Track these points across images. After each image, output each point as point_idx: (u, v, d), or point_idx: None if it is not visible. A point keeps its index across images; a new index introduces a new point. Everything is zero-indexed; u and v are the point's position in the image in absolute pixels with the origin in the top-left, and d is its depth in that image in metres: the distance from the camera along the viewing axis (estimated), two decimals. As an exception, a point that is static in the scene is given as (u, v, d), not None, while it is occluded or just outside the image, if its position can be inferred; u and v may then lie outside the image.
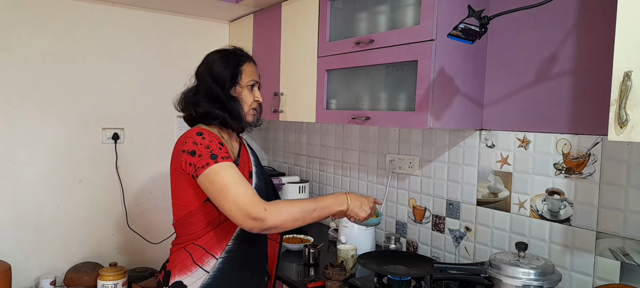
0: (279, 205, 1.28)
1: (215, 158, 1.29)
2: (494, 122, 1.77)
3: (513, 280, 1.37)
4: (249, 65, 1.49)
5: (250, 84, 1.48)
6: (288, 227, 1.29)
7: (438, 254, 2.02)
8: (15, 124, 2.43)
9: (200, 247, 1.39)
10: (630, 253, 1.40)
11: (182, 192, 1.39)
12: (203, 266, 1.38)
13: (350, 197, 1.39)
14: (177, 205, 1.42)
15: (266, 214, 1.23)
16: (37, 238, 2.52)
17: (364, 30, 1.91)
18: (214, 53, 1.51)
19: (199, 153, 1.30)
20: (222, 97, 1.43)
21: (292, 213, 1.28)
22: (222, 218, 1.38)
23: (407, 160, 2.15)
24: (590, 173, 1.49)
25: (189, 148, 1.32)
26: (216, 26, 3.03)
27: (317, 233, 2.47)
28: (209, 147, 1.31)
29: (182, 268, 1.39)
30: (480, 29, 1.34)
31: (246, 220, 1.23)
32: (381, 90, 1.89)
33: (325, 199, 1.37)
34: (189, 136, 1.36)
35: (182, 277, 1.38)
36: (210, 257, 1.39)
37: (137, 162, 2.81)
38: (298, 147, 2.97)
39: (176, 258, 1.42)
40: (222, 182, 1.25)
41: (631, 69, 0.97)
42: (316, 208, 1.32)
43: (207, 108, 1.43)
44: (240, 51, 1.52)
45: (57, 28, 2.50)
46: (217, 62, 1.46)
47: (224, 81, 1.43)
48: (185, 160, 1.32)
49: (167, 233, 2.94)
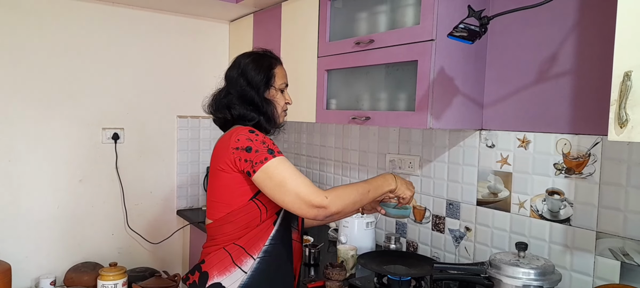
0: (338, 191, 1.31)
1: (273, 153, 1.30)
2: (494, 122, 1.77)
3: (513, 280, 1.36)
4: (280, 68, 1.52)
5: (281, 87, 1.51)
6: (348, 210, 1.34)
7: (438, 254, 2.02)
8: (15, 123, 2.43)
9: (240, 247, 1.38)
10: (630, 253, 1.40)
11: (226, 191, 1.38)
12: (242, 266, 1.38)
13: (397, 177, 1.45)
14: (216, 204, 1.41)
15: (328, 202, 1.26)
16: (37, 238, 2.52)
17: (364, 30, 1.91)
18: (244, 56, 1.51)
19: (255, 149, 1.31)
20: (257, 100, 1.45)
21: (351, 197, 1.32)
22: (262, 218, 1.39)
23: (407, 160, 2.15)
24: (590, 173, 1.49)
25: (243, 145, 1.32)
26: (216, 26, 3.03)
27: (317, 233, 2.47)
28: (265, 142, 1.33)
29: (221, 268, 1.38)
30: (480, 29, 1.34)
31: (310, 210, 1.26)
32: (381, 90, 1.89)
33: (376, 180, 1.41)
34: (240, 133, 1.35)
35: (221, 278, 1.37)
36: (248, 257, 1.38)
37: (137, 162, 2.81)
38: (298, 147, 2.97)
39: (214, 259, 1.40)
40: (281, 176, 1.28)
41: (631, 69, 0.97)
42: (370, 190, 1.37)
43: (242, 111, 1.45)
44: (270, 54, 1.54)
45: (57, 28, 2.50)
46: (250, 66, 1.47)
47: (258, 84, 1.45)
48: (240, 157, 1.32)
49: (167, 233, 2.94)
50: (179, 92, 2.92)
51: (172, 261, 3.01)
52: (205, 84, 2.97)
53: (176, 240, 3.01)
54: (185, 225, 2.93)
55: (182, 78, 2.91)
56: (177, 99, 2.92)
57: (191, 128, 3.01)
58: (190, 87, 2.95)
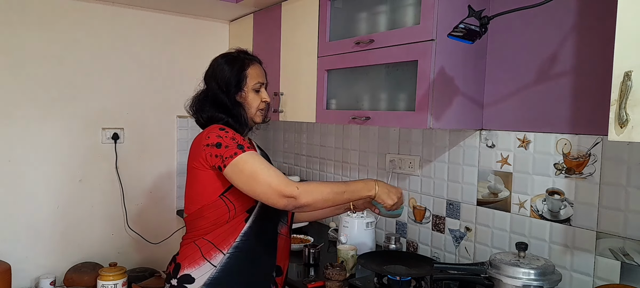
0: (310, 185, 1.35)
1: (242, 148, 1.35)
2: (494, 122, 1.77)
3: (513, 280, 1.36)
4: (253, 68, 1.53)
5: (256, 88, 1.53)
6: (319, 206, 1.36)
7: (438, 254, 2.02)
8: (15, 124, 2.43)
9: (208, 242, 1.44)
10: (630, 253, 1.40)
11: (198, 187, 1.44)
12: (211, 260, 1.43)
13: (379, 184, 1.45)
14: (191, 199, 1.48)
15: (298, 193, 1.30)
16: (37, 238, 2.52)
17: (364, 30, 1.91)
18: (219, 57, 1.56)
19: (225, 144, 1.36)
20: (227, 102, 1.49)
21: (323, 194, 1.35)
22: (231, 215, 1.43)
23: (407, 160, 2.15)
24: (591, 173, 1.49)
25: (213, 141, 1.37)
26: (216, 26, 3.03)
27: (317, 233, 2.47)
28: (235, 138, 1.38)
29: (191, 261, 1.44)
30: (481, 28, 1.34)
31: (280, 199, 1.30)
32: (381, 90, 1.89)
33: (355, 183, 1.44)
34: (211, 131, 1.40)
35: (191, 270, 1.43)
36: (218, 251, 1.43)
37: (137, 162, 2.81)
38: (298, 147, 2.97)
39: (186, 252, 1.47)
40: (252, 168, 1.32)
41: (631, 69, 0.97)
42: (346, 191, 1.39)
43: (211, 113, 1.50)
44: (244, 54, 1.56)
45: (57, 28, 2.50)
46: (222, 68, 1.52)
47: (228, 87, 1.49)
48: (210, 153, 1.37)
49: (167, 233, 2.94)
50: (179, 92, 2.91)
51: (172, 261, 3.00)
52: (205, 84, 2.99)
53: (176, 240, 3.00)
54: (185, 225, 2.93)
55: (182, 78, 2.91)
56: (177, 99, 2.91)
57: (191, 128, 3.00)
58: (190, 87, 2.87)
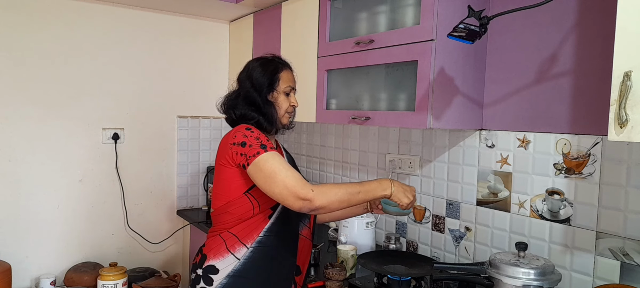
0: (325, 187, 1.37)
1: (265, 148, 1.40)
2: (494, 122, 1.77)
3: (513, 280, 1.37)
4: (286, 73, 1.59)
5: (286, 90, 1.58)
6: (334, 208, 1.38)
7: (438, 254, 2.02)
8: (16, 124, 2.43)
9: (233, 235, 1.49)
10: (630, 253, 1.40)
11: (224, 183, 1.49)
12: (235, 253, 1.48)
13: (394, 183, 1.46)
14: (217, 195, 1.53)
15: (313, 195, 1.32)
16: (37, 238, 2.52)
17: (364, 30, 1.91)
18: (254, 60, 1.62)
19: (249, 144, 1.41)
20: (259, 101, 1.54)
21: (338, 195, 1.36)
22: (254, 212, 1.48)
23: (407, 160, 2.15)
24: (590, 173, 1.49)
25: (239, 140, 1.43)
26: (216, 26, 3.03)
27: (317, 233, 2.47)
28: (258, 138, 1.43)
29: (216, 252, 1.50)
30: (480, 29, 1.34)
31: (296, 201, 1.32)
32: (381, 90, 1.89)
33: (370, 183, 1.44)
34: (238, 131, 1.46)
35: (215, 261, 1.49)
36: (242, 245, 1.48)
37: (137, 162, 2.81)
38: (298, 147, 2.97)
39: (211, 244, 1.53)
40: (271, 168, 1.36)
41: (631, 69, 0.97)
42: (360, 192, 1.40)
43: (244, 111, 1.55)
44: (278, 59, 1.62)
45: (57, 28, 2.50)
46: (257, 69, 1.57)
47: (261, 87, 1.54)
48: (236, 151, 1.42)
49: (167, 233, 2.94)
50: (179, 92, 2.92)
51: (172, 261, 3.01)
52: (205, 84, 2.99)
53: (176, 240, 3.01)
54: (185, 225, 2.93)
55: (182, 78, 2.91)
56: (177, 99, 2.92)
57: (191, 128, 3.01)
58: (190, 87, 2.95)
